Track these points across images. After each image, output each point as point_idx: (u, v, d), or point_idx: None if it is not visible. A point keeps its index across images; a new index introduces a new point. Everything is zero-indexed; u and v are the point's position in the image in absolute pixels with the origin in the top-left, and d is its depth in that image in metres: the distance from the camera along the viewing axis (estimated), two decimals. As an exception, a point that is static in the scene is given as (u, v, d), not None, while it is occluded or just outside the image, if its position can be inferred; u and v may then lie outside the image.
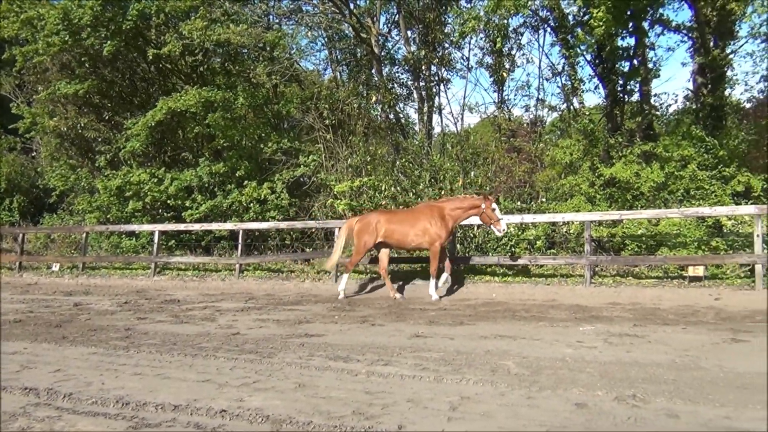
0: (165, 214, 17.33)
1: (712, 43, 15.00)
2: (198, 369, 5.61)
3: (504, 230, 10.23)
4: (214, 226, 15.66)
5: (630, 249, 11.89)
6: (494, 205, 10.12)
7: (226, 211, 16.47)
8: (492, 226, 10.19)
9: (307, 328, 7.83)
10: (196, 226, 15.70)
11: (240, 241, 14.40)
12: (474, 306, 9.52)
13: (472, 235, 13.49)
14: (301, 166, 16.53)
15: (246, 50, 18.14)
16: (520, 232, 12.96)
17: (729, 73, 15.32)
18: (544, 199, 13.39)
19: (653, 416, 4.06)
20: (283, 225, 14.91)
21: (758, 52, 13.87)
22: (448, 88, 39.22)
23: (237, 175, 16.61)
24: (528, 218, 11.93)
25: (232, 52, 17.81)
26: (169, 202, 16.75)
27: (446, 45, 20.55)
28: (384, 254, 11.03)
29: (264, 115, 18.16)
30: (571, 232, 12.89)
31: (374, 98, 18.68)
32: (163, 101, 16.11)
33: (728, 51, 15.13)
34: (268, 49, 17.68)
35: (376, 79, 19.92)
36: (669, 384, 4.79)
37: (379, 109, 19.20)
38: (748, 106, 16.31)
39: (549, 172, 14.95)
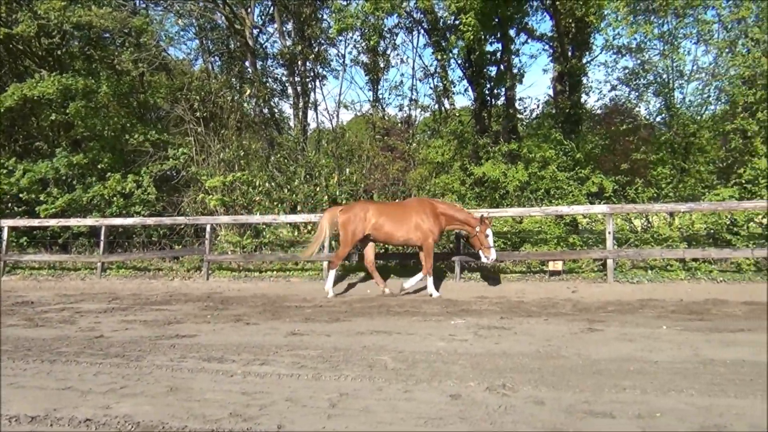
0: (16, 208, 15.93)
1: (570, 53, 16.10)
2: (57, 376, 5.24)
3: (493, 259, 9.99)
4: (72, 221, 14.63)
5: (496, 245, 12.44)
6: (489, 231, 9.87)
7: (87, 206, 15.42)
8: (480, 252, 9.94)
9: (177, 328, 7.53)
10: (52, 222, 14.61)
11: (102, 237, 13.59)
12: (350, 302, 9.60)
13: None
14: (170, 159, 15.82)
15: (109, 35, 17.07)
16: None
17: (584, 80, 16.51)
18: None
19: (521, 404, 4.30)
20: (150, 221, 14.22)
21: (610, 62, 15.04)
22: (324, 85, 39.35)
23: (99, 167, 15.62)
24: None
25: (93, 36, 16.67)
26: (21, 195, 15.40)
27: (322, 41, 20.50)
28: (370, 248, 10.60)
29: (129, 105, 17.21)
30: (442, 229, 13.30)
31: (248, 92, 18.24)
32: (15, 87, 14.79)
33: (584, 60, 16.31)
34: (134, 35, 16.72)
35: (251, 72, 19.50)
36: (534, 373, 5.09)
37: (253, 103, 18.79)
38: (600, 112, 17.57)
39: (421, 171, 15.35)
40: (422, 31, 18.04)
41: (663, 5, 11.56)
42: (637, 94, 14.68)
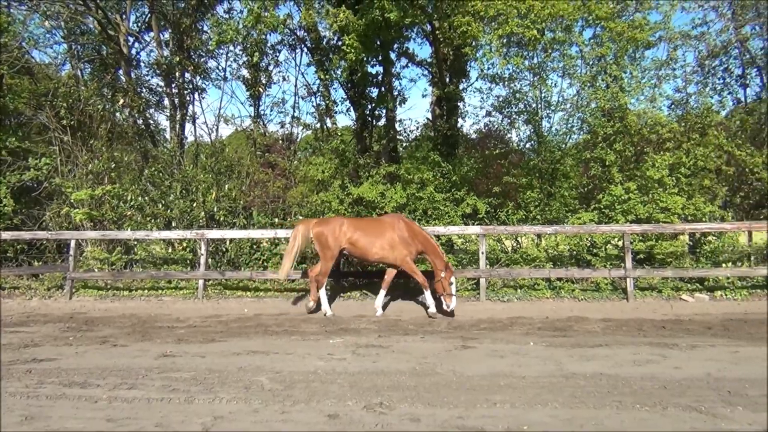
0: None
1: (448, 79, 16.75)
2: None
3: (452, 307, 9.59)
4: None
5: (374, 265, 12.62)
6: (452, 279, 9.58)
7: (-70, 218, 13.98)
8: (442, 297, 9.62)
9: (34, 352, 6.99)
10: None
11: (-52, 252, 12.37)
12: (226, 322, 9.34)
13: (224, 249, 13.24)
14: (31, 169, 14.68)
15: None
16: (273, 247, 13.07)
17: (461, 106, 17.22)
18: (300, 216, 13.63)
19: (398, 421, 4.37)
20: (6, 235, 13.08)
21: (485, 90, 15.77)
22: (204, 98, 38.27)
23: (-53, 175, 14.25)
24: (281, 233, 12.06)
25: (-56, 32, 15.27)
26: None
27: (202, 53, 19.99)
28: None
29: (-15, 109, 15.85)
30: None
31: (121, 101, 17.37)
32: None
33: (461, 86, 17.04)
34: (-8, 34, 15.46)
35: (124, 80, 18.60)
36: (411, 390, 5.19)
37: (127, 113, 17.92)
38: (475, 136, 18.34)
39: (302, 189, 15.27)
40: (305, 49, 18.06)
41: (532, 40, 12.32)
42: (509, 120, 15.55)
